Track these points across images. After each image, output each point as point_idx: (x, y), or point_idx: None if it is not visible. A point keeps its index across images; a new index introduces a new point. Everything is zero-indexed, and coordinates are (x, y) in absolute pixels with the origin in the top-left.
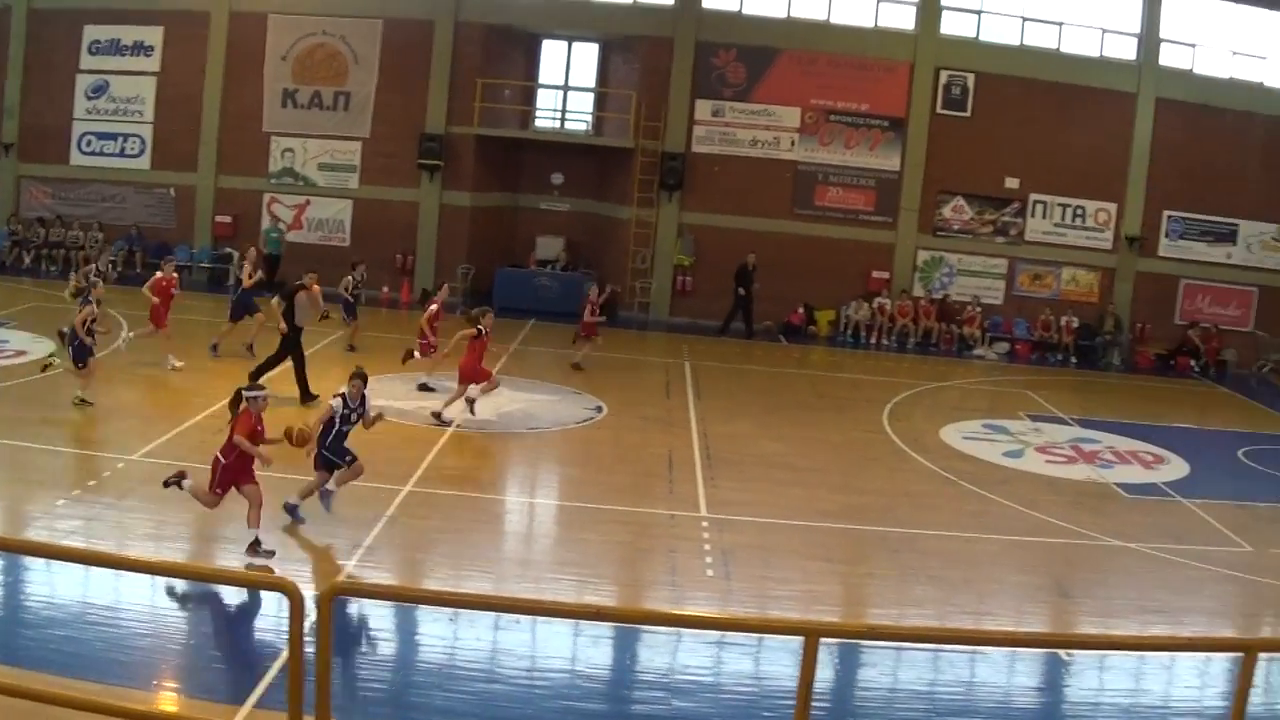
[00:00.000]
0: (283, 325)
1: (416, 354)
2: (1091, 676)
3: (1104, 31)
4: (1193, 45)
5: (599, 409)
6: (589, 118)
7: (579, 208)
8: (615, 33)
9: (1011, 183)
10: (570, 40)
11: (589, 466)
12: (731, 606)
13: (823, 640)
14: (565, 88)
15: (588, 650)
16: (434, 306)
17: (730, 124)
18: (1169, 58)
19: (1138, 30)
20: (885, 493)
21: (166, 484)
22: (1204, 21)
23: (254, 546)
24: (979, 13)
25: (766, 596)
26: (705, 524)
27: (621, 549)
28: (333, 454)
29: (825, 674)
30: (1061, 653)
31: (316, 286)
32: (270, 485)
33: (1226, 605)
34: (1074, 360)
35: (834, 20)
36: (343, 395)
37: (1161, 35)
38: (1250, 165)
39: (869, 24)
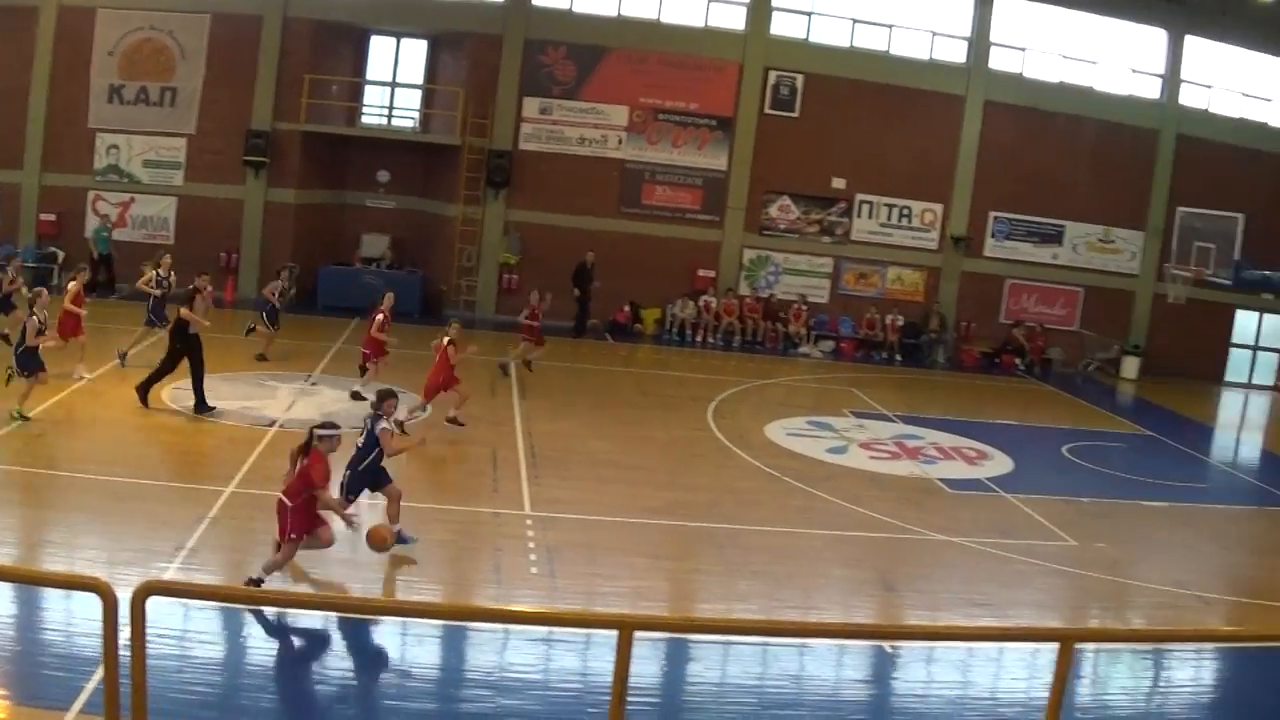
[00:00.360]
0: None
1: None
2: (919, 669)
3: (934, 34)
4: (1023, 49)
5: (424, 408)
6: (416, 114)
7: (405, 205)
8: (444, 29)
9: (838, 183)
10: (399, 36)
11: (413, 465)
12: (557, 604)
13: (650, 636)
14: (393, 84)
15: (413, 649)
16: (380, 316)
17: (558, 122)
18: (999, 61)
19: (968, 34)
20: (710, 489)
21: (247, 582)
22: (1034, 26)
23: (253, 581)
24: (809, 14)
25: (593, 593)
26: (530, 522)
27: (446, 548)
28: (375, 475)
29: (652, 669)
30: (886, 645)
31: (210, 289)
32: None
33: (1052, 598)
34: (899, 358)
35: (664, 19)
36: (382, 416)
37: (992, 39)
38: (1078, 168)
39: (699, 24)
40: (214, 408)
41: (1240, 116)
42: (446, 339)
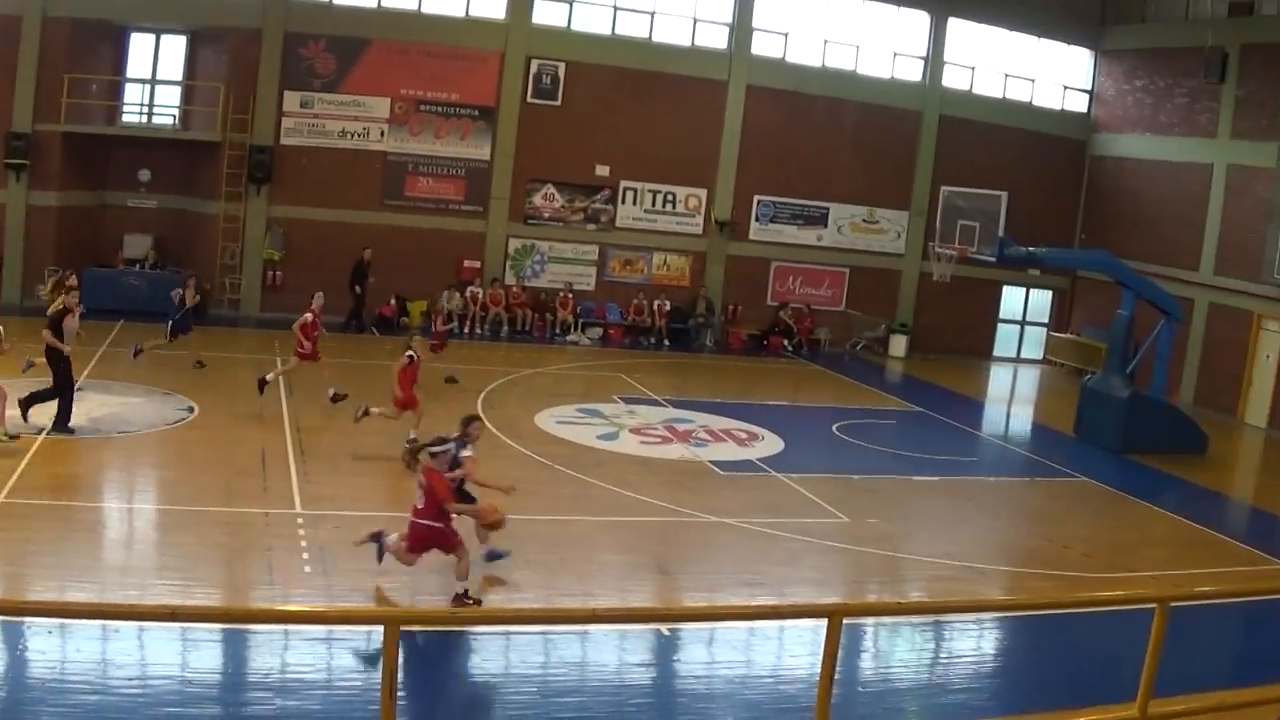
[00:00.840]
0: (59, 348)
1: (289, 364)
2: (699, 650)
3: (696, 21)
4: (785, 34)
5: (190, 409)
6: (176, 111)
7: (167, 204)
8: (203, 24)
9: (602, 170)
10: (158, 33)
11: (182, 468)
12: (334, 602)
13: (429, 630)
14: (153, 81)
15: (191, 654)
16: (309, 316)
17: (319, 115)
18: (761, 47)
19: (729, 20)
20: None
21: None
22: (796, 11)
23: (460, 598)
24: (570, 2)
25: (367, 590)
26: (301, 520)
27: (219, 550)
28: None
29: (430, 663)
30: (664, 629)
31: (80, 307)
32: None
33: (827, 575)
34: (667, 343)
35: (425, 10)
36: (467, 442)
37: (754, 24)
38: (842, 150)
39: (460, 14)
40: (73, 430)
41: (1002, 96)
42: (410, 355)
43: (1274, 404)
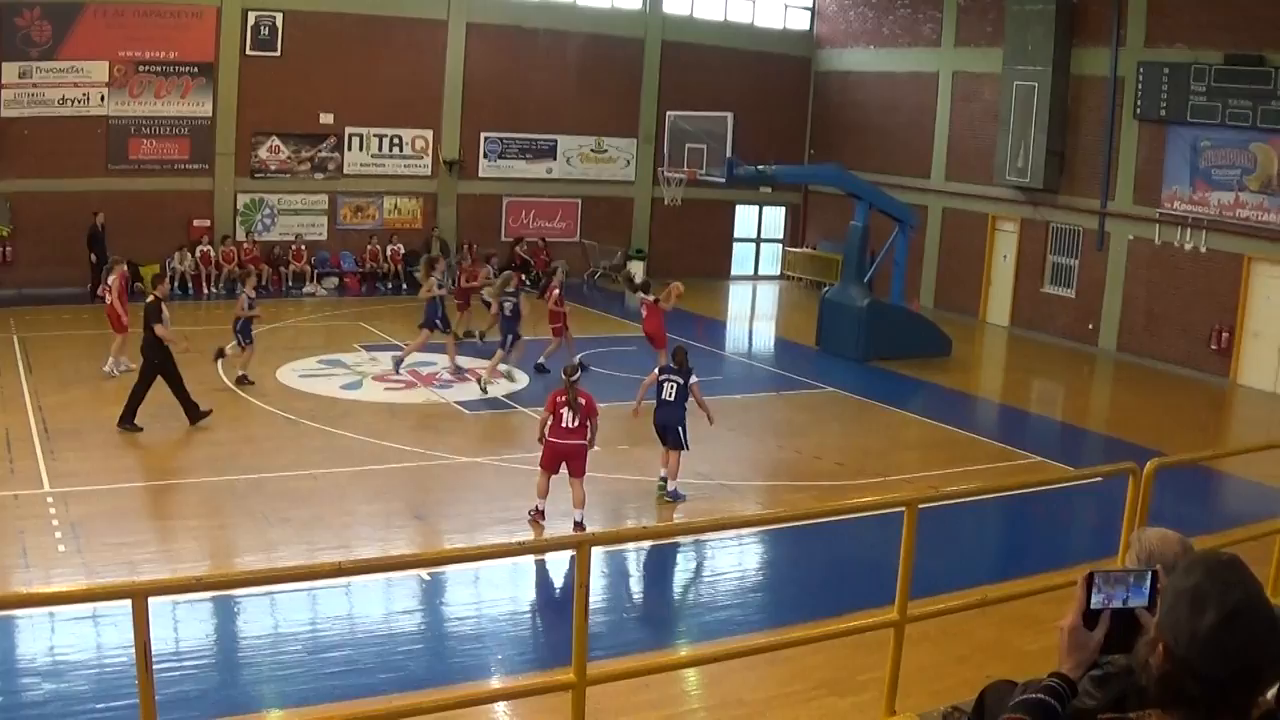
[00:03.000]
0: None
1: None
2: (465, 591)
3: None
4: None
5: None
6: None
7: None
8: None
9: (326, 118)
10: None
11: None
12: (93, 579)
13: (189, 599)
14: None
15: None
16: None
17: (39, 84)
18: None
19: None
20: (227, 442)
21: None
22: None
23: (579, 525)
24: None
25: (127, 563)
26: (51, 499)
27: None
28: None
29: (193, 631)
30: (423, 573)
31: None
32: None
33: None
34: (405, 287)
35: None
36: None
37: None
38: (566, 83)
39: None
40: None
41: (724, 19)
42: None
43: (1014, 303)
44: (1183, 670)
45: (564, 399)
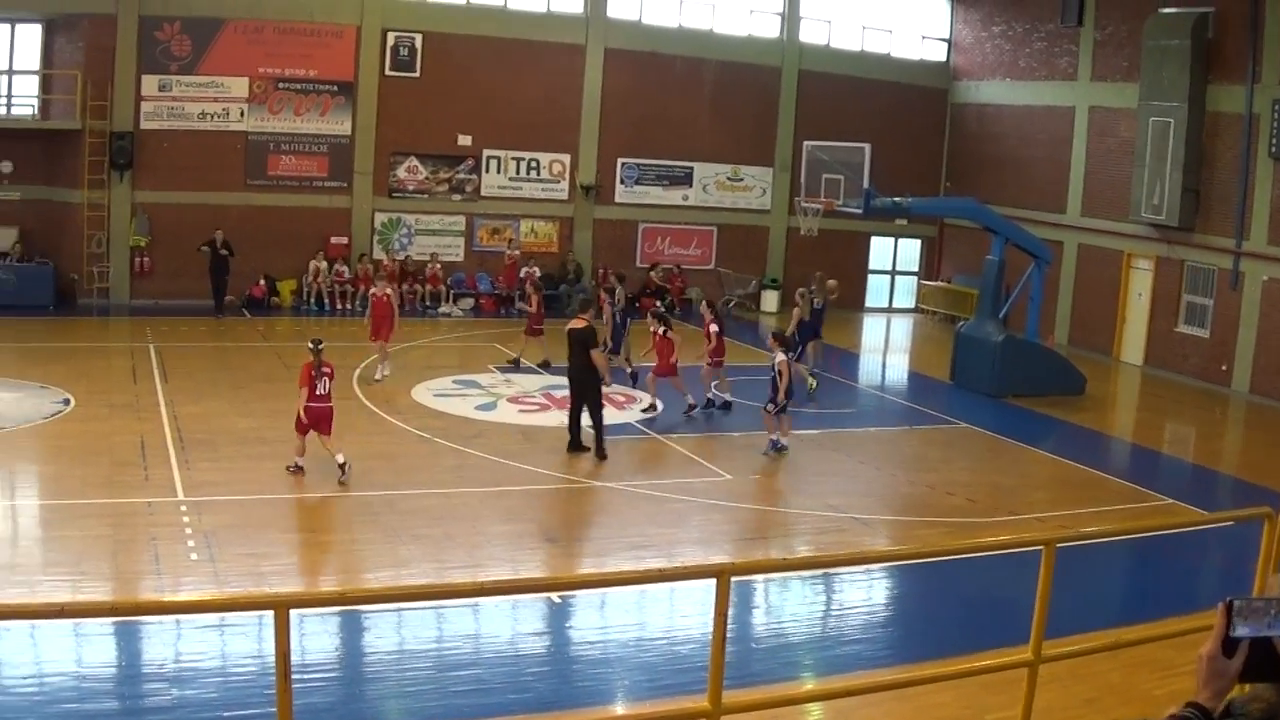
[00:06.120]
0: None
1: None
2: (591, 616)
3: None
4: None
5: (66, 401)
6: (35, 101)
7: (30, 195)
8: (57, 12)
9: (464, 140)
10: (13, 22)
11: (62, 462)
12: (222, 589)
13: (320, 612)
14: (10, 71)
15: (85, 649)
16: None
17: (178, 98)
18: (617, 9)
19: None
20: (362, 457)
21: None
22: None
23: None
24: None
25: (256, 574)
26: (184, 508)
27: (104, 543)
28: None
29: (325, 644)
30: (554, 597)
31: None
32: None
33: (713, 533)
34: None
35: None
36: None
37: None
38: (702, 109)
39: None
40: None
41: (861, 49)
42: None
43: (1149, 341)
44: None
45: (316, 370)
